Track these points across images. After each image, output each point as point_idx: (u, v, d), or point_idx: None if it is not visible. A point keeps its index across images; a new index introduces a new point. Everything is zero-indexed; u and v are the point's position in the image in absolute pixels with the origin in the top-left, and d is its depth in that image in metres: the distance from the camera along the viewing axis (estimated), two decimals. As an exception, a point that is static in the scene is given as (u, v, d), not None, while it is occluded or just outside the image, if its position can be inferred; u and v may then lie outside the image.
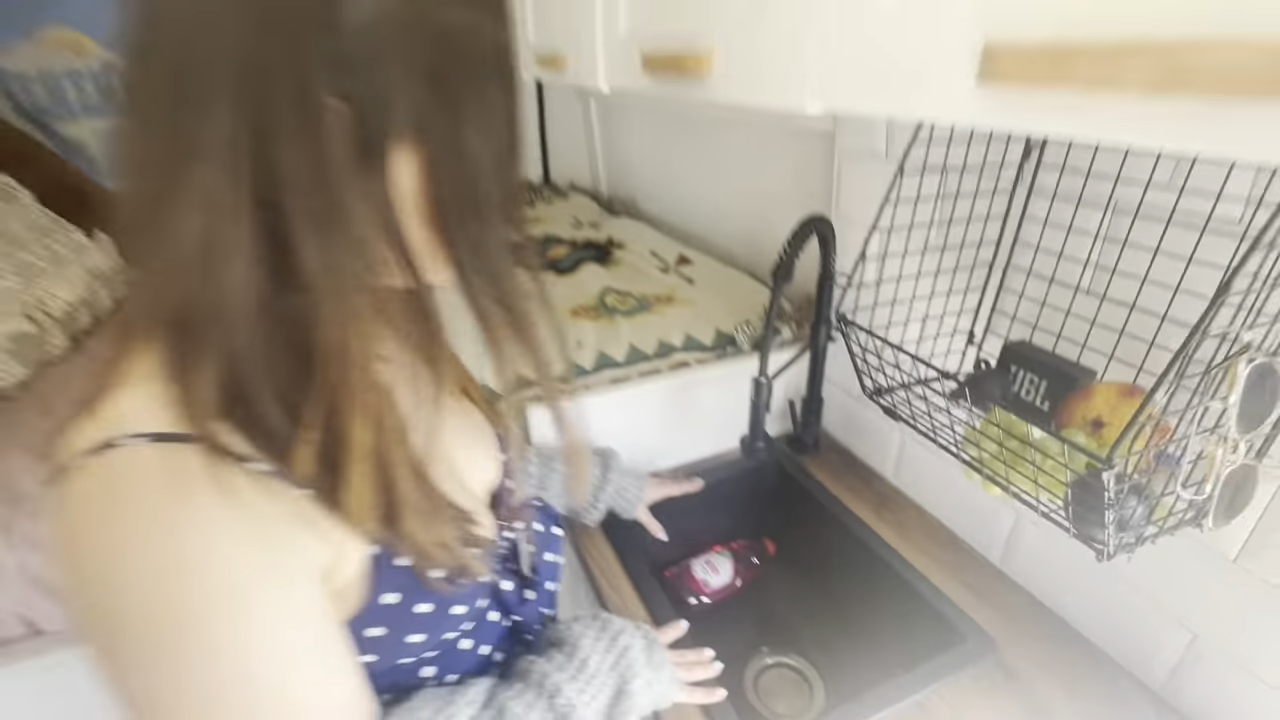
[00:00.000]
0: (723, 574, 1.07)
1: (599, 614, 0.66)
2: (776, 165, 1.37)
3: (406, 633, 0.49)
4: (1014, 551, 0.95)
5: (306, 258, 0.36)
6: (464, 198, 0.40)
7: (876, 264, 0.87)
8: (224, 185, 0.35)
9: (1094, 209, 0.71)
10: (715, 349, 1.24)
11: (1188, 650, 0.75)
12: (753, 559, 1.12)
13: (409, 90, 0.36)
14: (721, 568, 1.08)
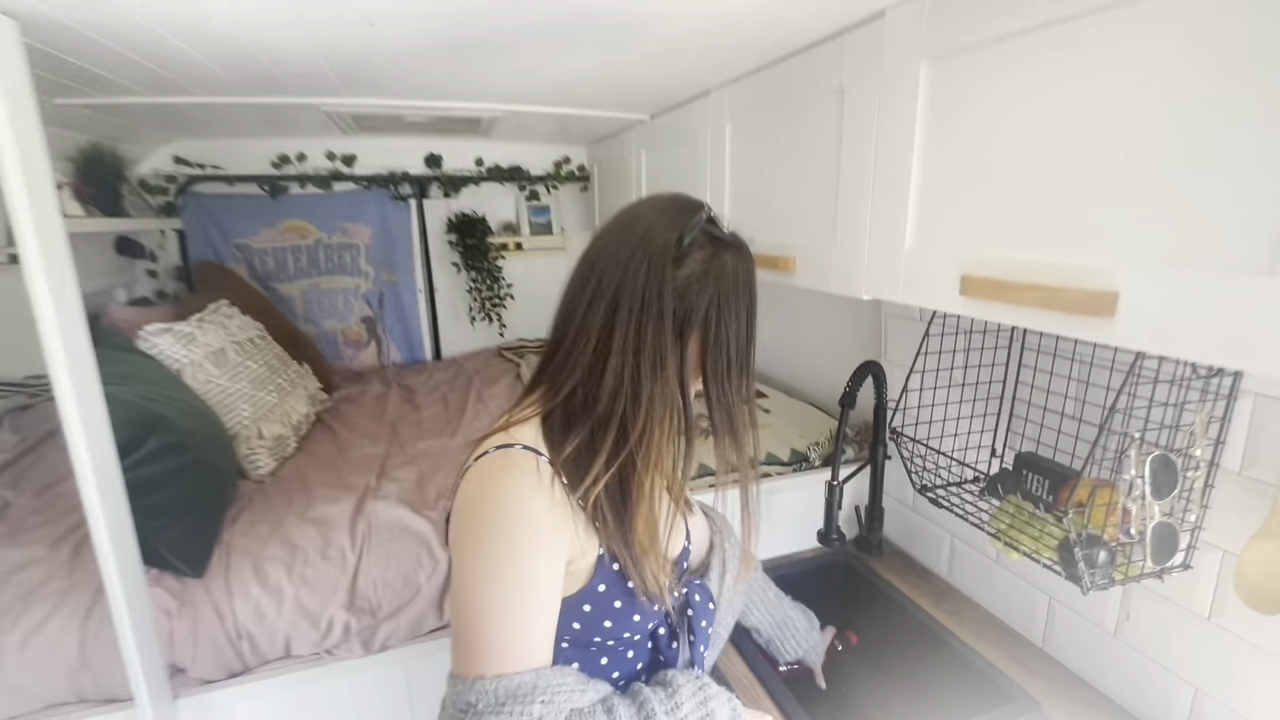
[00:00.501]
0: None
1: (700, 674, 0.79)
2: (838, 324, 1.76)
3: (604, 618, 0.76)
4: (1052, 633, 1.15)
5: (646, 388, 0.70)
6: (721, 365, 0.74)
7: (916, 394, 1.20)
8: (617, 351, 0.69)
9: (1064, 359, 1.03)
10: (791, 464, 1.54)
11: (1193, 703, 0.93)
12: (838, 646, 1.31)
13: (704, 306, 0.71)
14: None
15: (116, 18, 0.90)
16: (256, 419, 1.56)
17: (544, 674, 0.64)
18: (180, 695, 1.15)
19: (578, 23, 0.97)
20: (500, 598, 0.64)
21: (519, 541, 0.65)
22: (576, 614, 0.72)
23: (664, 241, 0.69)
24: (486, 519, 0.66)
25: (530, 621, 0.66)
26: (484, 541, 0.65)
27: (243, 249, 2.47)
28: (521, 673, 0.63)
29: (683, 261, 0.69)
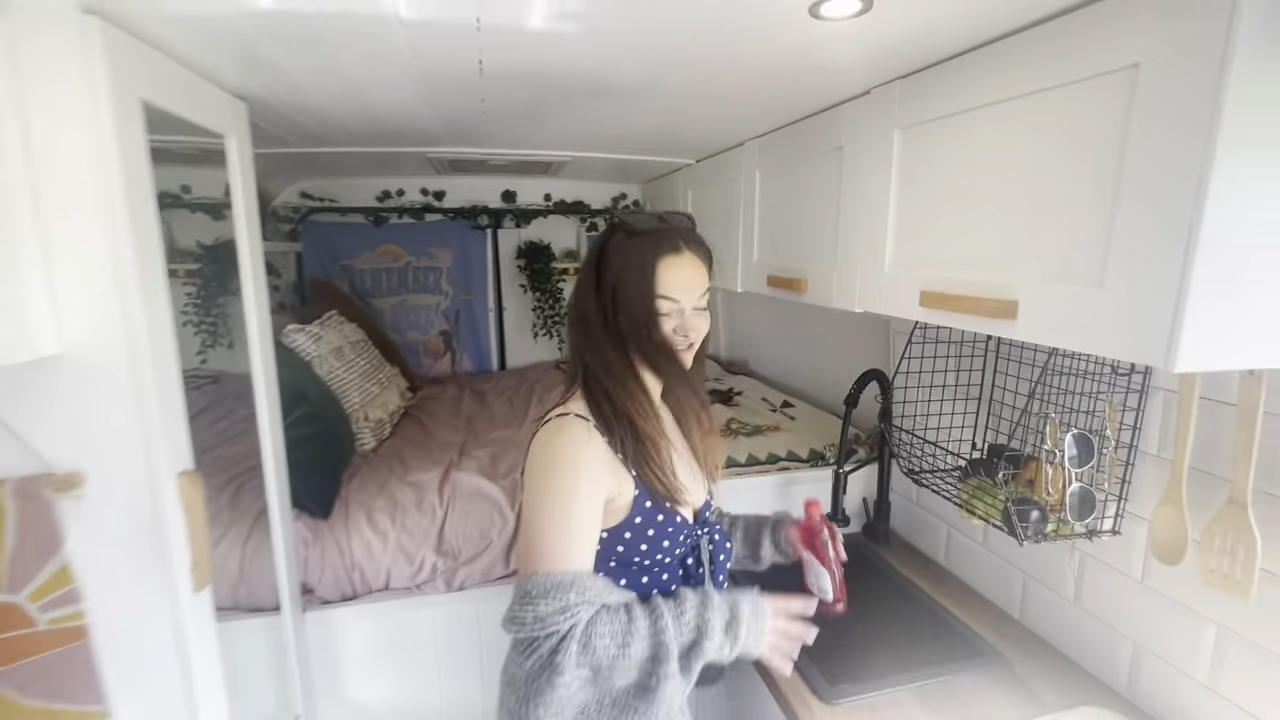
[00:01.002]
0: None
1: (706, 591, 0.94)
2: (853, 342, 1.98)
3: (640, 542, 1.01)
4: (1025, 606, 1.33)
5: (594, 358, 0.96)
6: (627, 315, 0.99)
7: (902, 391, 1.42)
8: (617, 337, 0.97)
9: (1028, 365, 1.24)
10: (809, 461, 1.77)
11: (1132, 656, 1.11)
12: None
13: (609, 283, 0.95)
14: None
15: (306, 97, 1.26)
16: (364, 404, 1.91)
17: (581, 575, 0.86)
18: (307, 610, 1.47)
19: (643, 95, 1.28)
20: (554, 518, 0.88)
21: (567, 479, 0.89)
22: (620, 540, 0.96)
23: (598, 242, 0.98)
24: (547, 464, 0.91)
25: (575, 536, 0.88)
26: (545, 480, 0.91)
27: (346, 269, 2.90)
28: (565, 571, 0.85)
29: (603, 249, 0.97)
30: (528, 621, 0.84)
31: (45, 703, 0.89)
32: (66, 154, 0.78)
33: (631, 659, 0.86)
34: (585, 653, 0.84)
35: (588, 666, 0.86)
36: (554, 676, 0.84)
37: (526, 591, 0.85)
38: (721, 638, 0.89)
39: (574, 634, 0.84)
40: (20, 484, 0.82)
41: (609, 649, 0.85)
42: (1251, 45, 0.60)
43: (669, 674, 0.86)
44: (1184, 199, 0.64)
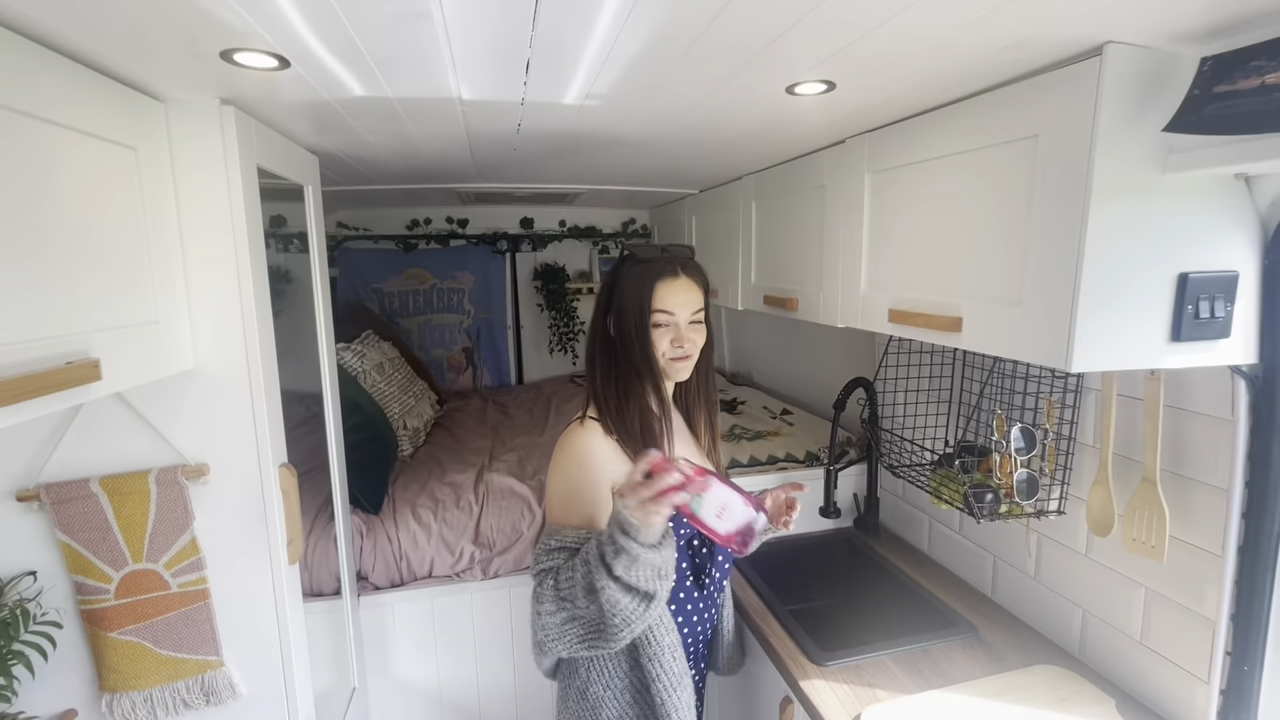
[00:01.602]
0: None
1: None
2: (844, 355, 2.18)
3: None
4: (996, 584, 1.51)
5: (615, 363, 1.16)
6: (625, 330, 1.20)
7: (881, 394, 1.61)
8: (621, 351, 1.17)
9: (987, 371, 1.43)
10: (805, 461, 1.95)
11: (1082, 621, 1.28)
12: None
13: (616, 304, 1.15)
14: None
15: (368, 151, 1.49)
16: (403, 414, 2.12)
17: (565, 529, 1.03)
18: (361, 595, 1.67)
19: (649, 145, 1.49)
20: (571, 499, 1.07)
21: (573, 464, 1.08)
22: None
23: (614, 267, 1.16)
24: (560, 455, 1.10)
25: (575, 507, 1.05)
26: (556, 467, 1.10)
27: (377, 291, 3.13)
28: (560, 526, 1.03)
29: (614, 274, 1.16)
30: (538, 561, 1.03)
31: (173, 652, 1.09)
32: (205, 210, 1.00)
33: (579, 584, 0.93)
34: (558, 588, 0.96)
35: (565, 600, 0.95)
36: (538, 605, 1.00)
37: (536, 537, 1.06)
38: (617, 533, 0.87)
39: (551, 572, 0.99)
40: (161, 473, 1.03)
41: (568, 579, 0.96)
42: (1110, 123, 0.80)
43: (602, 587, 0.90)
44: (1071, 238, 0.84)
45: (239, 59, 0.81)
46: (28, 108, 0.70)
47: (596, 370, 1.16)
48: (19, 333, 0.69)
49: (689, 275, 1.14)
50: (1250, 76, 0.74)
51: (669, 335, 1.12)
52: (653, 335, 1.12)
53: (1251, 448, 0.97)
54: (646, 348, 1.11)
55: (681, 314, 1.12)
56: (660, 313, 1.11)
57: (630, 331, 1.11)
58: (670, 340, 1.12)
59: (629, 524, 0.86)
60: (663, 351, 1.13)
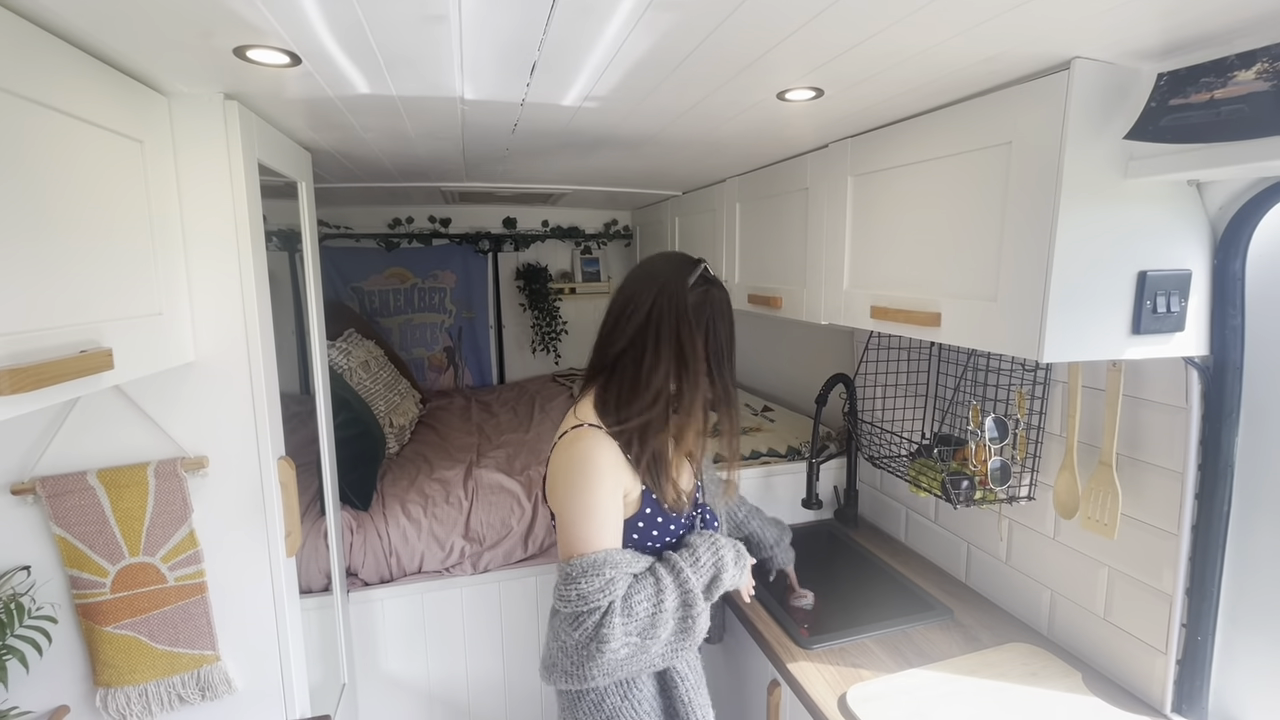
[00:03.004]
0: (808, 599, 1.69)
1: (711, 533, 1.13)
2: (823, 353, 2.25)
3: (652, 529, 1.22)
4: (970, 569, 1.58)
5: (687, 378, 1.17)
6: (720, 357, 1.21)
7: (862, 389, 1.67)
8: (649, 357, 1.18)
9: (960, 365, 1.50)
10: (787, 456, 2.01)
11: (1051, 601, 1.36)
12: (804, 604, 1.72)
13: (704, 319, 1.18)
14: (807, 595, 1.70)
15: (361, 148, 1.50)
16: (389, 412, 2.12)
17: (612, 552, 1.01)
18: (351, 591, 1.67)
19: (639, 146, 1.54)
20: (583, 509, 1.02)
21: (591, 477, 1.04)
22: (634, 529, 1.13)
23: (679, 282, 1.10)
24: (570, 468, 1.05)
25: (601, 522, 1.02)
26: (571, 481, 1.05)
27: (357, 290, 3.11)
28: (597, 551, 1.00)
29: (691, 293, 1.13)
30: (573, 599, 0.97)
31: (170, 647, 1.09)
32: (207, 204, 1.01)
33: (666, 612, 1.00)
34: (629, 619, 0.97)
35: (635, 633, 0.98)
36: (601, 646, 0.96)
37: (568, 573, 0.98)
38: (734, 568, 1.09)
39: (614, 608, 0.96)
40: (160, 465, 1.03)
41: (646, 609, 0.99)
42: (1078, 131, 0.87)
43: (699, 612, 1.04)
44: (1042, 238, 0.91)
45: (251, 55, 0.83)
46: (44, 98, 0.71)
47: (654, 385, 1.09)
48: (35, 321, 0.69)
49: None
50: (1201, 91, 0.81)
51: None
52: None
53: (1203, 433, 1.05)
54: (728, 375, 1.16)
55: None
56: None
57: (725, 354, 1.14)
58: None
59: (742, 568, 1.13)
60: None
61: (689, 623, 1.05)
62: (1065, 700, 1.15)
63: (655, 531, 1.14)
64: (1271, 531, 1.03)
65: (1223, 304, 0.99)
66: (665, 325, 1.09)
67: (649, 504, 1.12)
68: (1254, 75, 0.76)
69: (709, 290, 1.14)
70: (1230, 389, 1.02)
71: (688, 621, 1.05)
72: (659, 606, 1.00)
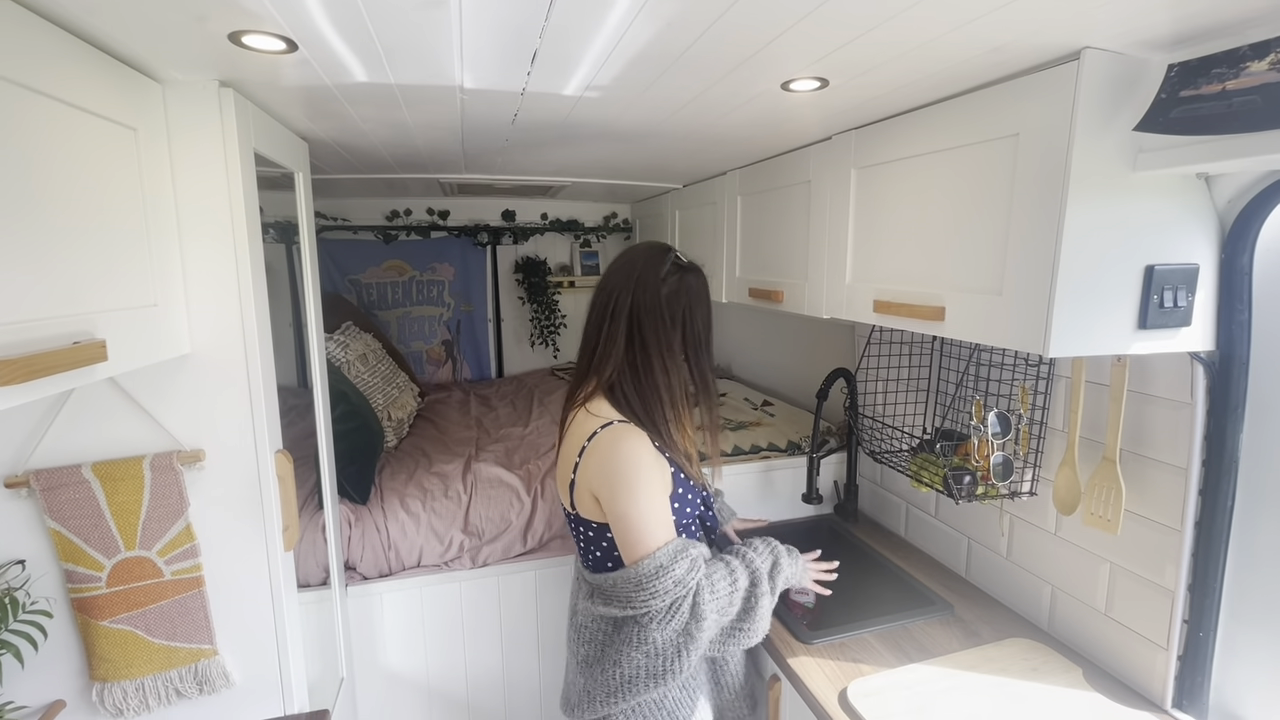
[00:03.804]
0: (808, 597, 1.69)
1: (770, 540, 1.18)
2: (824, 347, 2.24)
3: (685, 506, 1.18)
4: (970, 564, 1.58)
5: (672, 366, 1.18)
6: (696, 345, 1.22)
7: (862, 384, 1.66)
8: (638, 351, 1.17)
9: (964, 361, 1.49)
10: (787, 451, 2.00)
11: (1051, 596, 1.36)
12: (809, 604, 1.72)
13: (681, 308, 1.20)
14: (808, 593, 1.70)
15: (359, 138, 1.48)
16: (387, 405, 2.10)
17: (682, 539, 1.06)
18: (349, 585, 1.66)
19: (640, 138, 1.52)
20: (647, 505, 1.04)
21: (644, 474, 1.06)
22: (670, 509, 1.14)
23: (653, 272, 1.12)
24: (625, 467, 1.05)
25: (662, 514, 1.06)
26: (628, 479, 1.04)
27: (354, 283, 3.09)
28: (674, 540, 1.04)
29: (665, 284, 1.13)
30: (669, 589, 0.99)
31: (166, 641, 1.08)
32: (202, 193, 0.99)
33: (739, 590, 1.08)
34: (714, 596, 1.04)
35: (717, 611, 1.05)
36: (700, 622, 1.01)
37: (660, 565, 1.00)
38: (788, 557, 1.16)
39: (703, 585, 1.03)
40: (155, 459, 1.02)
41: (725, 587, 1.06)
42: (1086, 123, 0.86)
43: (764, 592, 1.10)
44: (1050, 232, 0.89)
45: (247, 41, 0.81)
46: (34, 83, 0.70)
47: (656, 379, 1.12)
48: (26, 311, 0.68)
49: None
50: (1212, 83, 0.80)
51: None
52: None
53: (1208, 429, 1.04)
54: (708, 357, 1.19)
55: None
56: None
57: (703, 343, 1.17)
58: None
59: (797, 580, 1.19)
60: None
61: (753, 603, 1.10)
62: (1066, 695, 1.15)
63: (688, 509, 1.18)
64: (1275, 527, 1.02)
65: (1230, 298, 0.98)
66: (645, 319, 1.13)
67: (680, 484, 1.15)
68: (1267, 66, 0.75)
69: (683, 278, 1.15)
70: (1236, 384, 1.01)
71: (753, 601, 1.10)
72: (734, 585, 1.08)
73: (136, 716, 1.09)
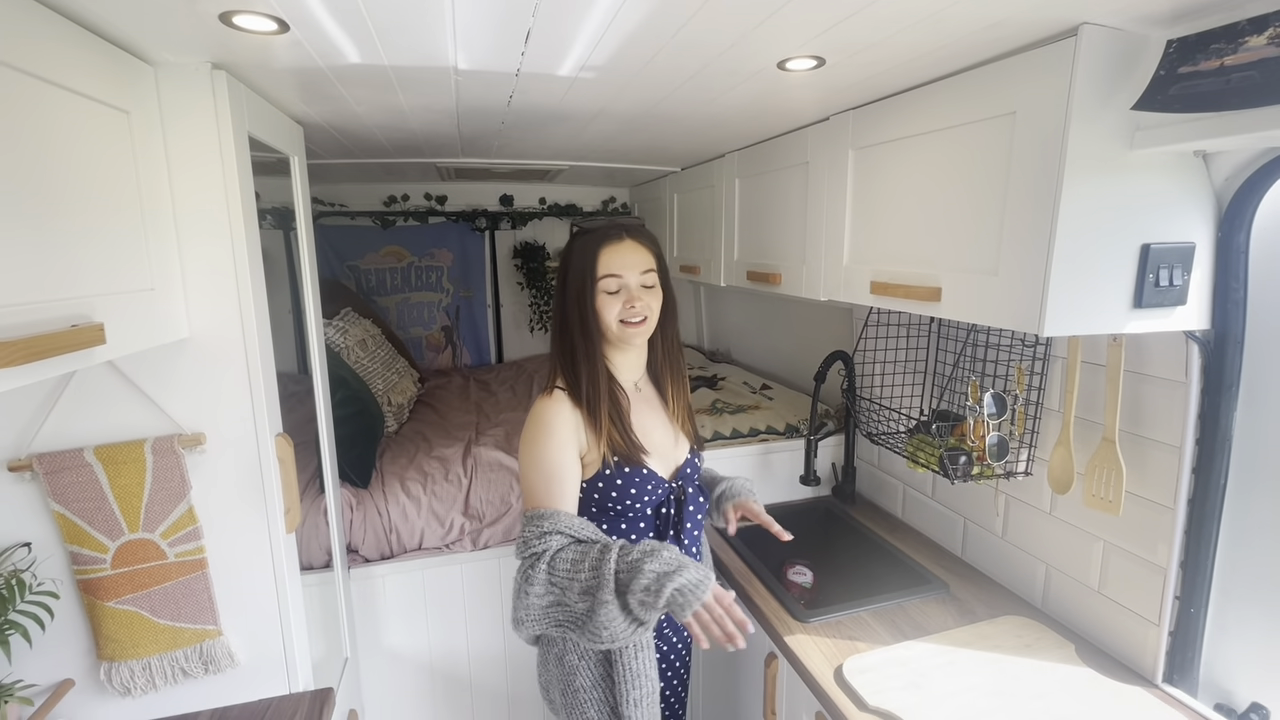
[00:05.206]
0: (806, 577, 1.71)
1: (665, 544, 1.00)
2: (822, 331, 2.24)
3: (611, 491, 1.16)
4: (966, 545, 1.59)
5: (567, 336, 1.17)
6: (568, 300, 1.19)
7: (860, 366, 1.67)
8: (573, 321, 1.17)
9: (960, 342, 1.50)
10: (785, 434, 2.02)
11: (1046, 575, 1.37)
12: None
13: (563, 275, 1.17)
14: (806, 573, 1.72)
15: (354, 122, 1.47)
16: (387, 390, 2.11)
17: (557, 511, 1.05)
18: (352, 568, 1.68)
19: (637, 120, 1.51)
20: (535, 467, 1.09)
21: (543, 437, 1.10)
22: (595, 489, 1.13)
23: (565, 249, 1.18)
24: (530, 428, 1.13)
25: (552, 479, 1.08)
26: (528, 440, 1.12)
27: (353, 269, 3.08)
28: (544, 506, 1.06)
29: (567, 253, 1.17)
30: (521, 546, 1.06)
31: (172, 622, 1.09)
32: (197, 177, 0.99)
33: (579, 583, 0.99)
34: (551, 573, 1.01)
35: (555, 586, 1.01)
36: (527, 586, 1.03)
37: (526, 517, 1.07)
38: (649, 581, 0.94)
39: (545, 555, 1.02)
40: (157, 442, 1.03)
41: (566, 571, 1.01)
42: (1084, 101, 0.85)
43: (603, 600, 0.96)
44: (1045, 211, 0.89)
45: (238, 21, 0.81)
46: (24, 64, 0.69)
47: (560, 345, 1.18)
48: (24, 294, 0.68)
49: (635, 239, 1.16)
50: (1211, 59, 0.79)
51: (620, 299, 1.13)
52: (601, 302, 1.13)
53: (1202, 408, 1.05)
54: (590, 313, 1.13)
55: (630, 276, 1.13)
56: (608, 277, 1.12)
57: (576, 298, 1.13)
58: (623, 303, 1.13)
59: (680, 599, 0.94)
60: (616, 317, 1.13)
61: (593, 606, 0.98)
62: (1058, 670, 1.17)
63: (615, 494, 1.13)
64: (1267, 505, 1.03)
65: (1226, 277, 0.98)
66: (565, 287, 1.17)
67: (609, 464, 1.13)
68: (1266, 41, 0.74)
69: (571, 242, 1.18)
70: (1230, 363, 1.01)
71: (593, 604, 0.98)
72: (574, 574, 1.00)
73: (144, 695, 1.11)
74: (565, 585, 1.01)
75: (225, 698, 1.16)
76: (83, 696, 1.09)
